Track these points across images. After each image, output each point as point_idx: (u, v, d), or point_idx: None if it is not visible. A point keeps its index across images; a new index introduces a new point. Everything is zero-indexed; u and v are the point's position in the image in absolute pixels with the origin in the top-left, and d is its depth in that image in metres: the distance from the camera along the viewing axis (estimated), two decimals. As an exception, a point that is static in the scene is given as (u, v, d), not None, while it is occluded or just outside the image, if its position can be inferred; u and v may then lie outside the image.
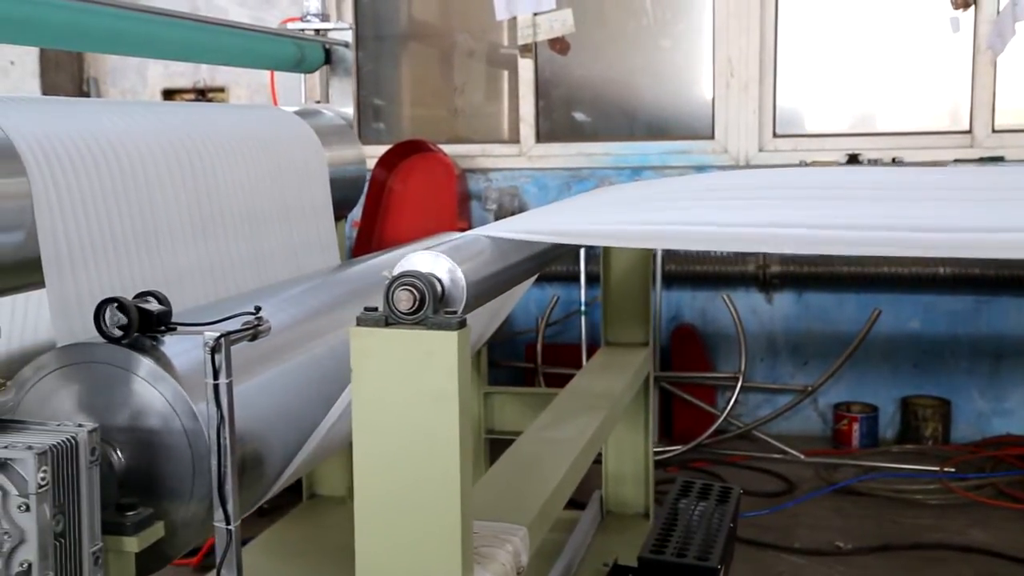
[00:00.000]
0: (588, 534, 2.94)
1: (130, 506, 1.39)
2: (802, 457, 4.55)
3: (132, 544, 1.36)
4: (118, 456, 1.44)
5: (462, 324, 1.28)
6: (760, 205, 1.94)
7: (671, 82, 5.37)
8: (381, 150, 4.95)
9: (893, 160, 4.87)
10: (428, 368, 1.26)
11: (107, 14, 2.30)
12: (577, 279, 4.90)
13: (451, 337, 1.26)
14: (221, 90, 5.74)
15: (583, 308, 4.91)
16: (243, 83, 5.67)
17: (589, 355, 4.83)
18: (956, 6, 4.81)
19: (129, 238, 2.04)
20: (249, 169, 2.52)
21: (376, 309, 1.31)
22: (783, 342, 5.03)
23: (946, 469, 4.26)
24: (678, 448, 4.62)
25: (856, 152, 4.92)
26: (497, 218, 5.25)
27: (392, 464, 1.29)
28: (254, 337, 1.45)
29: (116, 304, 1.47)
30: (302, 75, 3.68)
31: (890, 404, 4.90)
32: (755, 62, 5.03)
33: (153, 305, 1.50)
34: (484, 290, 1.43)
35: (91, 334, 1.95)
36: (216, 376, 1.36)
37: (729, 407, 4.77)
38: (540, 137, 5.35)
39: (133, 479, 1.44)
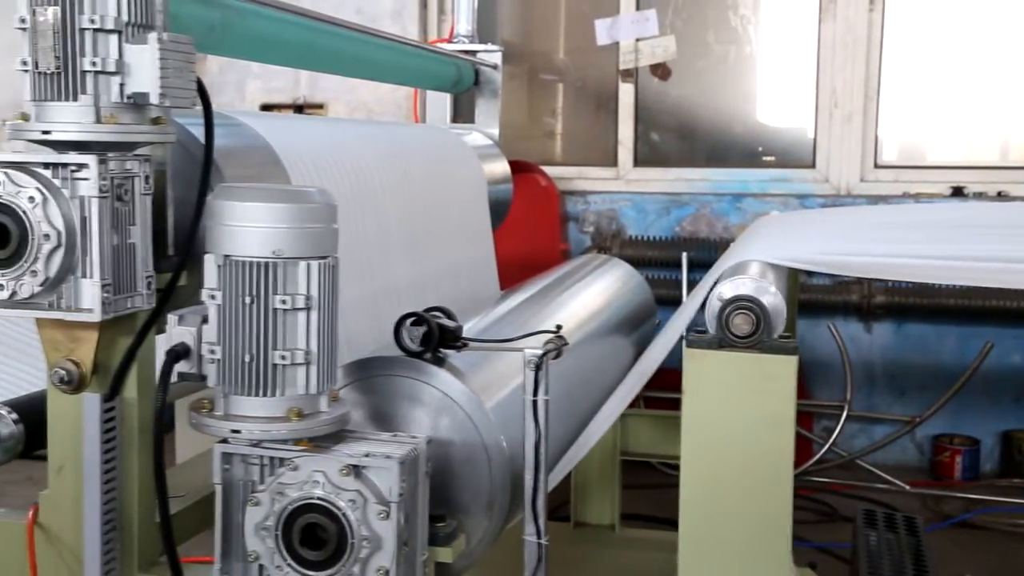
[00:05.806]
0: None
1: (439, 517, 1.42)
2: (907, 488, 4.54)
3: (447, 555, 1.39)
4: (419, 468, 1.47)
5: (796, 348, 1.30)
6: None
7: (772, 110, 5.40)
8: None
9: (999, 194, 4.87)
10: (765, 391, 1.29)
11: (328, 32, 2.34)
12: (678, 304, 4.89)
13: (791, 361, 1.28)
14: (320, 106, 5.78)
15: (684, 333, 4.90)
16: (343, 100, 5.71)
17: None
18: (1066, 41, 4.82)
19: (357, 251, 2.08)
20: (439, 188, 2.57)
21: (704, 331, 1.34)
22: (881, 372, 5.02)
23: (1061, 505, 4.25)
24: (781, 475, 4.61)
25: (960, 185, 4.93)
26: (594, 240, 5.28)
27: (722, 482, 1.31)
28: (558, 354, 1.48)
29: (414, 319, 1.50)
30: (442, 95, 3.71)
31: (989, 437, 4.88)
32: (860, 93, 5.04)
33: (447, 321, 1.53)
34: (788, 315, 1.45)
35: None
36: (536, 392, 1.38)
37: (834, 436, 4.77)
38: (638, 161, 5.38)
39: (432, 491, 1.47)
